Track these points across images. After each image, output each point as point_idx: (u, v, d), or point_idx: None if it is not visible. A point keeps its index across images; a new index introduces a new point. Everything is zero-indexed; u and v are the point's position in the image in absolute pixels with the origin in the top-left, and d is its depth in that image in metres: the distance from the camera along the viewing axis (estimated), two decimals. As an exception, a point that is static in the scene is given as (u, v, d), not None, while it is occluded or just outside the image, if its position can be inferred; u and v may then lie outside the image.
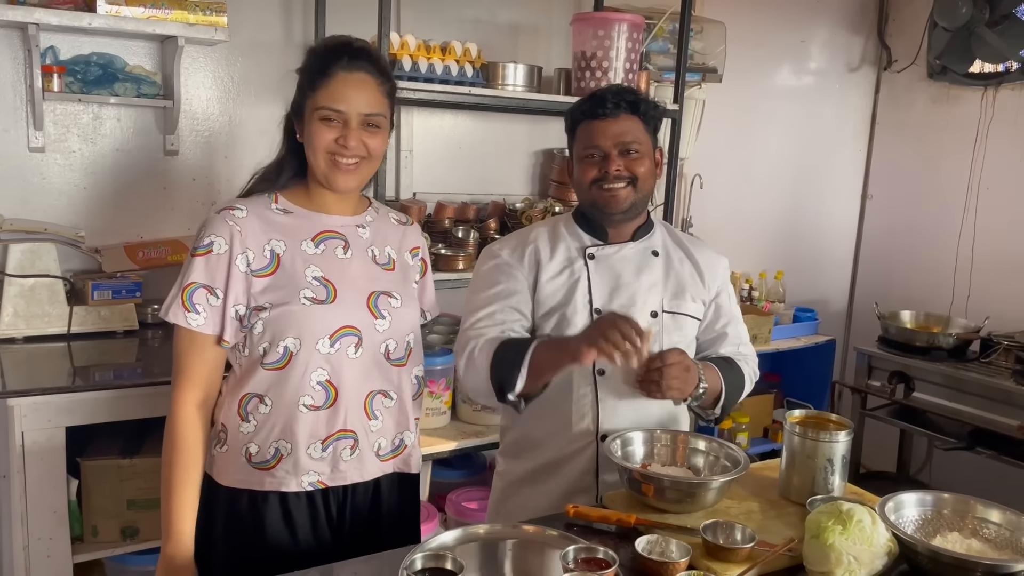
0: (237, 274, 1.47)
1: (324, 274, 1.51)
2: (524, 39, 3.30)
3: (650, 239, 1.85)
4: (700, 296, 1.84)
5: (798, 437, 1.60)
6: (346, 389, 1.51)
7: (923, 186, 4.11)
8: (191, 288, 1.46)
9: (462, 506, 2.85)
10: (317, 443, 1.50)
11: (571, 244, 1.81)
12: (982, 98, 3.83)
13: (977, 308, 3.75)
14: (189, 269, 1.48)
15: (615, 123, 1.73)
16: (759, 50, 3.87)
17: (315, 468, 1.51)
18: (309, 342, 1.47)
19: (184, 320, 1.46)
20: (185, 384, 1.49)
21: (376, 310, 1.54)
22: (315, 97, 1.48)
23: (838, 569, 1.28)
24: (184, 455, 1.47)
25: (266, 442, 1.49)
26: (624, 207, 1.76)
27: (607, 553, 1.28)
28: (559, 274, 1.78)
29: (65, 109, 2.55)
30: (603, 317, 1.63)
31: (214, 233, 1.48)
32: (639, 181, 1.75)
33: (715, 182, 3.78)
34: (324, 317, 1.48)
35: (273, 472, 1.49)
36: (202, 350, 1.49)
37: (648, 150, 1.76)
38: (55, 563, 2.09)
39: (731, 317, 1.88)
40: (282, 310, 1.46)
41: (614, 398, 1.74)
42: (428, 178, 3.17)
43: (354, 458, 1.54)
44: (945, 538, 1.40)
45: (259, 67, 2.80)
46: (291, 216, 1.54)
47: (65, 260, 2.52)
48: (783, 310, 3.78)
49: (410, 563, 1.24)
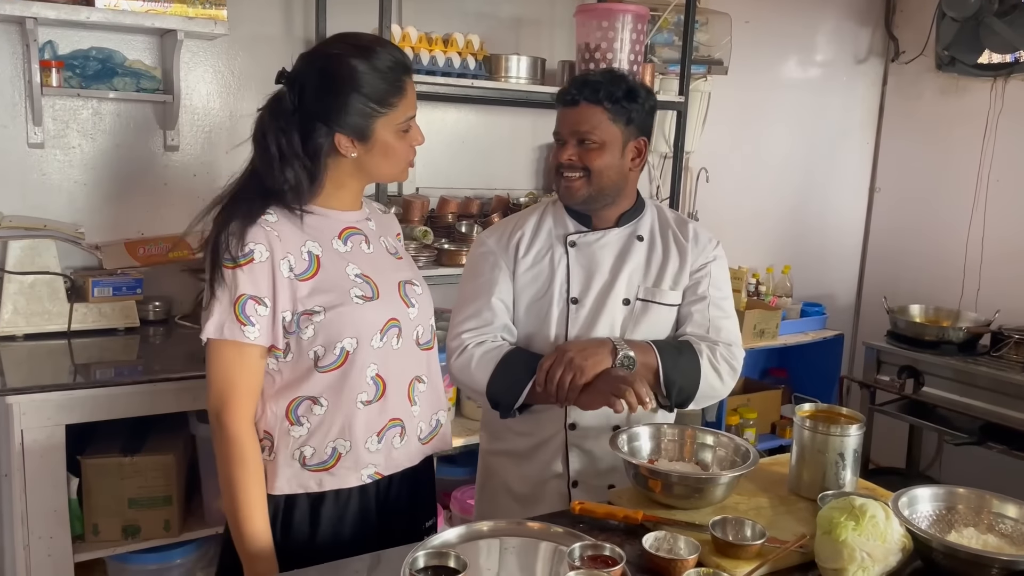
0: (282, 280, 1.42)
1: (362, 271, 1.49)
2: (527, 31, 3.27)
3: (637, 223, 1.81)
4: (682, 282, 1.79)
5: (808, 431, 1.56)
6: (392, 380, 1.51)
7: (932, 179, 4.06)
8: (242, 300, 1.39)
9: (467, 503, 2.83)
10: (373, 436, 1.49)
11: (554, 231, 1.81)
12: (991, 89, 3.78)
13: (987, 301, 3.70)
14: (235, 282, 1.39)
15: (575, 111, 1.70)
16: (765, 42, 3.83)
17: (372, 460, 1.50)
18: (364, 340, 1.46)
19: (242, 335, 1.39)
20: (239, 402, 1.43)
21: (407, 299, 1.55)
22: (396, 113, 1.45)
23: (851, 566, 1.25)
24: (252, 471, 1.43)
25: (323, 443, 1.46)
26: (577, 198, 1.73)
27: (614, 550, 1.25)
28: (535, 264, 1.78)
29: (64, 104, 2.53)
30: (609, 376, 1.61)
31: (253, 241, 1.40)
32: (593, 174, 1.70)
33: (721, 176, 3.74)
34: (374, 313, 1.47)
35: (333, 471, 1.47)
36: (252, 364, 1.43)
37: (612, 142, 1.69)
38: (56, 562, 2.07)
39: (707, 300, 1.78)
40: (337, 312, 1.43)
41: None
42: (431, 173, 3.15)
43: (403, 445, 1.54)
44: (961, 534, 1.37)
45: (260, 61, 2.77)
46: (313, 216, 1.49)
47: (65, 257, 2.50)
48: (790, 305, 3.74)
49: (413, 561, 1.21)
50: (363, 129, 1.44)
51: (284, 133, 1.43)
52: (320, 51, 1.49)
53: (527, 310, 1.79)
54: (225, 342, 1.40)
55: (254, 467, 1.44)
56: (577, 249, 1.78)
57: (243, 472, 1.42)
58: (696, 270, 1.79)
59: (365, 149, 1.46)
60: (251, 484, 1.43)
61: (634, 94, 1.71)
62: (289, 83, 1.45)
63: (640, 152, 1.76)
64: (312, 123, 1.43)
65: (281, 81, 1.46)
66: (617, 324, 1.75)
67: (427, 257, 2.73)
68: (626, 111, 1.70)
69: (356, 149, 1.45)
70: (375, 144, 1.46)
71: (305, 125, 1.44)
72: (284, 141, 1.43)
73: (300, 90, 1.43)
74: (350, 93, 1.42)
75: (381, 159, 1.48)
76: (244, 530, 1.42)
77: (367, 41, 1.47)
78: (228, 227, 1.41)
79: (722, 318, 1.79)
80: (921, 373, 3.31)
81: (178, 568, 2.32)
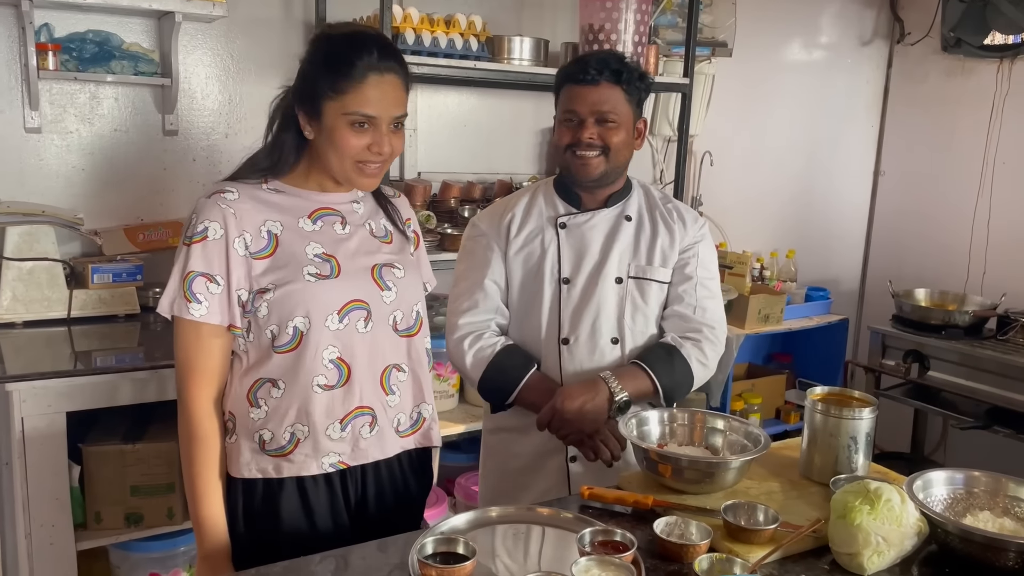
0: (236, 258, 1.40)
1: (325, 249, 1.46)
2: (529, 12, 3.23)
3: (625, 204, 1.84)
4: (671, 259, 1.82)
5: (820, 415, 1.54)
6: (359, 365, 1.46)
7: (937, 162, 4.03)
8: (191, 277, 1.39)
9: (471, 490, 2.81)
10: (335, 423, 1.46)
11: (544, 213, 1.84)
12: (998, 70, 3.75)
13: (993, 285, 3.68)
14: (186, 258, 1.40)
15: (595, 90, 1.72)
16: (770, 23, 3.79)
17: (335, 449, 1.47)
18: (318, 319, 1.42)
19: (187, 312, 1.38)
20: (197, 381, 1.42)
21: (382, 281, 1.50)
22: (343, 101, 1.39)
23: (866, 550, 1.23)
24: (207, 451, 1.44)
25: (280, 427, 1.44)
26: (594, 176, 1.76)
27: (625, 535, 1.23)
28: (526, 245, 1.81)
29: (61, 88, 2.50)
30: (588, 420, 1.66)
31: (208, 219, 1.40)
32: (611, 151, 1.74)
33: (725, 159, 3.71)
34: (330, 292, 1.44)
35: (291, 457, 1.44)
36: (210, 342, 1.42)
37: (626, 121, 1.75)
38: (58, 550, 2.06)
39: (694, 280, 1.81)
40: (287, 289, 1.41)
41: (576, 368, 1.77)
42: (433, 157, 3.12)
43: (374, 435, 1.50)
44: (976, 517, 1.35)
45: (259, 44, 2.73)
46: (284, 195, 1.48)
47: (64, 243, 2.48)
48: (795, 289, 3.72)
49: (421, 547, 1.19)
50: (314, 107, 1.42)
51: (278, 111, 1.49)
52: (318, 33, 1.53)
53: (520, 291, 1.82)
54: (181, 320, 1.41)
55: (210, 447, 1.44)
56: (567, 231, 1.81)
57: (197, 451, 1.43)
58: (684, 249, 1.83)
59: (318, 131, 1.44)
60: (204, 464, 1.43)
61: (643, 76, 1.78)
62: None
63: (640, 133, 1.81)
64: (291, 99, 1.47)
65: None
66: (610, 303, 1.77)
67: (430, 242, 2.70)
68: (637, 91, 1.76)
69: (311, 129, 1.44)
70: (324, 128, 1.42)
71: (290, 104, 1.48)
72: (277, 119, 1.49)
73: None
74: (310, 67, 1.43)
75: (328, 147, 1.43)
76: (196, 511, 1.44)
77: (354, 28, 1.48)
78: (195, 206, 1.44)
79: (708, 298, 1.82)
80: (926, 357, 3.29)
81: (181, 556, 2.31)
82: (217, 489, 1.44)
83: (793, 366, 3.91)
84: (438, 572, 1.14)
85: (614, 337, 1.77)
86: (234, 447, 1.46)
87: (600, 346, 1.76)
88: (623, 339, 1.78)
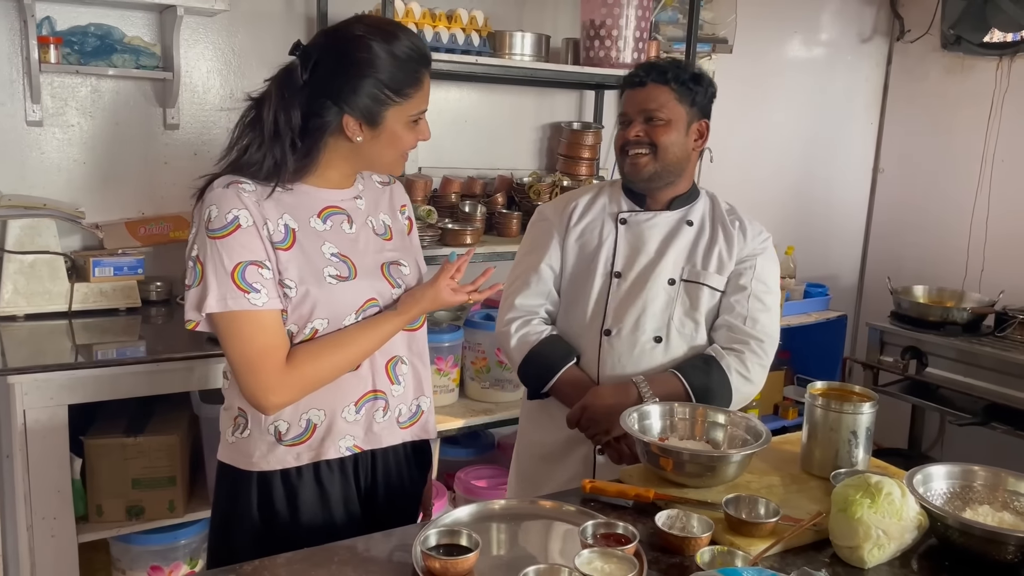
0: (268, 244, 1.38)
1: (340, 250, 1.46)
2: (531, 7, 3.23)
3: (689, 209, 1.87)
4: (727, 268, 1.83)
5: (821, 409, 1.55)
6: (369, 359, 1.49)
7: (936, 159, 4.04)
8: (241, 267, 1.33)
9: (471, 484, 2.82)
10: (350, 405, 1.47)
11: (608, 208, 1.88)
12: (997, 68, 3.75)
13: (991, 282, 3.69)
14: (225, 251, 1.33)
15: (642, 91, 1.78)
16: (770, 20, 3.79)
17: (351, 431, 1.48)
18: (337, 320, 1.43)
19: (247, 303, 1.33)
20: (265, 361, 1.35)
21: (392, 279, 1.51)
22: (409, 105, 1.42)
23: (867, 543, 1.24)
24: (323, 347, 1.41)
25: (295, 416, 1.44)
26: (643, 175, 1.79)
27: (627, 528, 1.24)
28: (585, 234, 1.86)
29: (63, 82, 2.50)
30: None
31: (233, 208, 1.35)
32: (659, 149, 1.76)
33: (725, 156, 3.68)
34: (349, 293, 1.44)
35: (309, 443, 1.45)
36: (272, 328, 1.37)
37: (678, 120, 1.77)
38: (60, 543, 2.06)
39: (747, 291, 1.81)
40: (308, 290, 1.40)
41: (615, 361, 1.79)
42: (434, 152, 3.12)
43: (385, 420, 1.52)
44: (976, 511, 1.36)
45: (261, 38, 2.73)
46: (290, 193, 1.44)
47: (65, 236, 2.48)
48: (794, 286, 3.73)
49: (424, 539, 1.20)
50: (374, 115, 1.41)
51: (285, 107, 1.39)
52: (341, 29, 1.44)
53: (571, 279, 1.87)
54: (239, 315, 1.34)
55: (317, 347, 1.41)
56: (627, 227, 1.85)
57: (328, 357, 1.41)
58: (742, 260, 1.83)
59: (372, 135, 1.42)
60: (330, 346, 1.42)
61: (699, 77, 1.81)
62: (304, 56, 1.40)
63: (702, 134, 1.83)
64: (320, 100, 1.39)
65: (295, 53, 1.41)
66: (658, 301, 1.79)
67: (431, 237, 2.70)
68: (691, 92, 1.78)
69: (363, 134, 1.42)
70: (383, 132, 1.42)
71: (312, 102, 1.40)
72: (283, 116, 1.39)
73: (314, 65, 1.39)
74: (367, 76, 1.38)
75: (385, 148, 1.45)
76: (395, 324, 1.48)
77: (391, 27, 1.44)
78: (206, 200, 1.38)
79: (761, 311, 1.81)
80: (924, 354, 3.30)
81: (182, 549, 2.31)
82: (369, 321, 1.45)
83: (792, 362, 3.91)
84: (441, 564, 1.15)
85: (657, 336, 1.78)
86: (247, 442, 1.46)
87: (641, 342, 1.78)
88: (667, 340, 1.78)
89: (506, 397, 2.83)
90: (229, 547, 1.48)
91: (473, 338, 2.79)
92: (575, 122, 3.32)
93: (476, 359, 2.81)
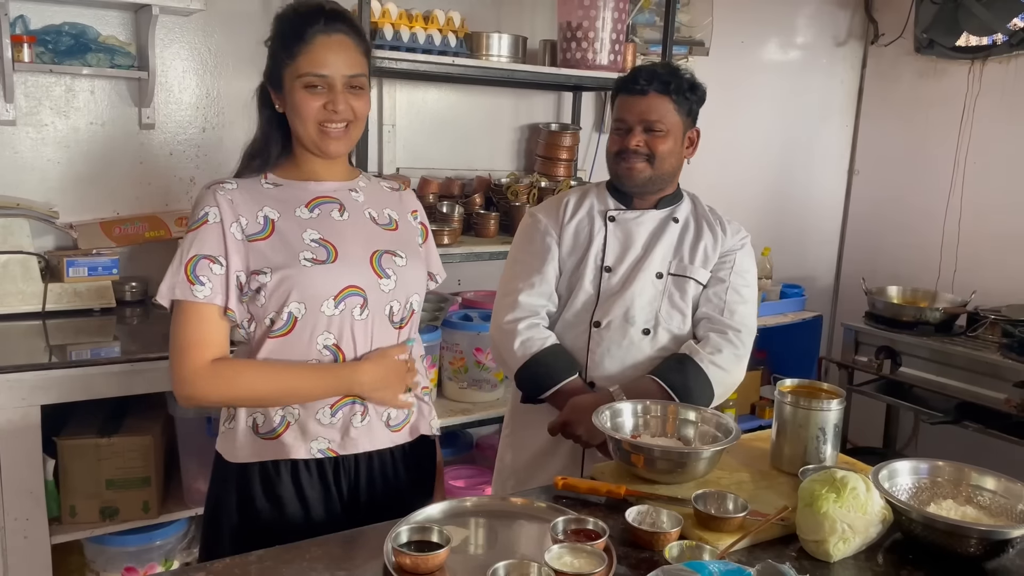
0: (234, 242, 1.42)
1: (322, 235, 1.47)
2: (507, 9, 3.24)
3: (674, 208, 1.93)
4: (711, 261, 1.90)
5: (790, 406, 1.57)
6: (352, 353, 1.47)
7: (910, 161, 4.09)
8: (193, 261, 1.40)
9: (450, 484, 2.83)
10: (326, 408, 1.46)
11: (596, 206, 1.93)
12: (969, 72, 3.81)
13: (964, 282, 3.74)
14: (188, 245, 1.42)
15: (643, 100, 1.81)
16: (746, 23, 3.82)
17: (324, 435, 1.47)
18: (314, 305, 1.43)
19: (191, 294, 1.39)
20: (192, 351, 1.40)
21: (380, 269, 1.50)
22: (296, 64, 1.44)
23: (832, 537, 1.26)
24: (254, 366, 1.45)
25: (271, 410, 1.45)
26: (639, 182, 1.85)
27: (597, 524, 1.25)
28: (576, 232, 1.90)
29: (36, 81, 2.48)
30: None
31: (206, 206, 1.43)
32: (657, 159, 1.82)
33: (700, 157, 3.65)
34: (327, 277, 1.44)
35: (282, 439, 1.45)
36: (209, 322, 1.42)
37: (675, 129, 1.82)
38: (32, 544, 2.05)
39: (726, 284, 1.89)
40: (283, 274, 1.41)
41: (604, 352, 1.84)
42: (412, 153, 3.12)
43: (364, 425, 1.50)
44: (939, 506, 1.38)
45: (237, 38, 2.72)
46: (281, 188, 1.50)
47: (39, 236, 2.46)
48: (770, 286, 3.76)
49: (396, 535, 1.21)
50: (276, 77, 1.48)
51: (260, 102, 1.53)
52: None
53: (564, 274, 1.91)
54: (183, 304, 1.41)
55: (233, 362, 1.45)
56: (616, 224, 1.90)
57: (252, 374, 1.44)
58: (723, 255, 1.91)
59: (283, 103, 1.48)
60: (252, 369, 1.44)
61: (694, 87, 1.85)
62: None
63: (693, 141, 1.90)
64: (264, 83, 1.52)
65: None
66: (647, 294, 1.85)
67: (408, 237, 2.71)
68: (688, 102, 1.84)
69: (279, 101, 1.49)
70: (286, 97, 1.47)
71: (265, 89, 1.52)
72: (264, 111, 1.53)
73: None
74: (271, 44, 1.48)
75: (293, 116, 1.47)
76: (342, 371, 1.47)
77: (309, 2, 1.49)
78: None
79: (739, 303, 1.88)
80: (898, 353, 3.34)
81: (157, 550, 2.30)
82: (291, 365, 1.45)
83: (768, 362, 3.95)
84: (412, 560, 1.16)
85: (646, 328, 1.84)
86: (231, 433, 1.48)
87: (630, 334, 1.83)
88: (655, 331, 1.85)
89: (484, 397, 2.84)
90: (216, 537, 1.48)
91: (451, 338, 2.80)
92: (553, 123, 3.33)
93: (454, 359, 2.82)
